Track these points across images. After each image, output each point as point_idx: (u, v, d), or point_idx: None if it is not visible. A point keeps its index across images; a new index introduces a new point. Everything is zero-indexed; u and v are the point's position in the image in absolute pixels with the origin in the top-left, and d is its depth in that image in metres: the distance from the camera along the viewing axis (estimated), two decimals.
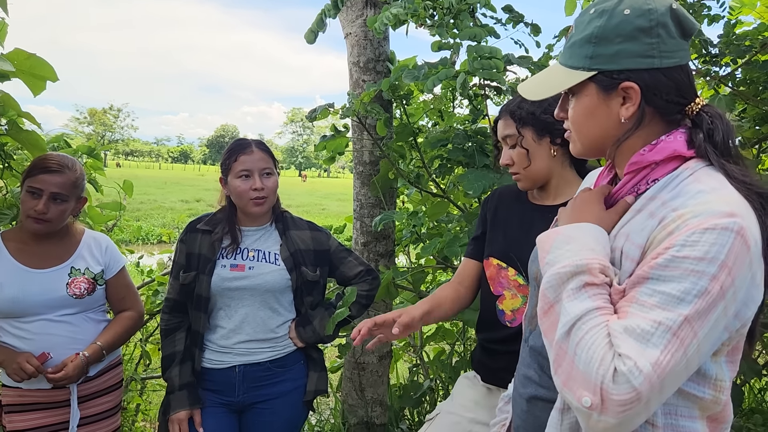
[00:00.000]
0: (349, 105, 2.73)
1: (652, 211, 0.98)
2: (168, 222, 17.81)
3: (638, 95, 1.01)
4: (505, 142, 1.75)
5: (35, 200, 1.94)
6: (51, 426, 2.01)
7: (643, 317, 0.88)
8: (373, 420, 3.27)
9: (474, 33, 2.30)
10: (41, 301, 1.97)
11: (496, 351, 1.81)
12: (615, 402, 0.85)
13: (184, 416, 1.97)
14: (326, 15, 2.63)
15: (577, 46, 1.05)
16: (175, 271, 2.07)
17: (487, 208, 1.89)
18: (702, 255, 0.87)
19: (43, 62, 2.21)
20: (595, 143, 1.09)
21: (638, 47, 1.00)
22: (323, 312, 2.11)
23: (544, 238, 1.06)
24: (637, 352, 0.86)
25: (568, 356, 0.91)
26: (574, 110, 1.09)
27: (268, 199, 2.02)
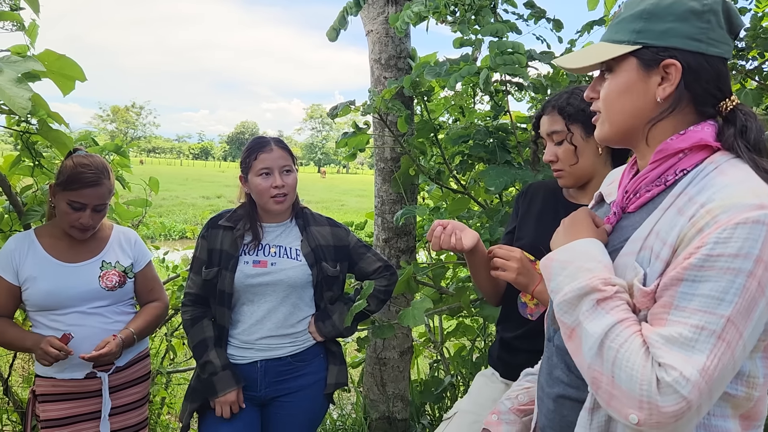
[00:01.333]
0: (371, 102, 2.74)
1: (680, 207, 0.96)
2: (189, 218, 17.99)
3: (679, 75, 1.00)
4: (550, 138, 1.72)
5: (78, 213, 2.00)
6: (83, 415, 2.06)
7: (683, 324, 0.87)
8: (394, 415, 3.29)
9: (496, 29, 2.30)
10: (75, 294, 2.03)
11: (516, 347, 1.81)
12: (666, 414, 0.83)
13: (234, 396, 1.99)
14: (348, 13, 2.64)
15: (626, 22, 1.05)
16: (196, 266, 2.10)
17: (521, 202, 1.89)
18: (736, 251, 0.85)
19: (72, 63, 2.25)
20: (625, 123, 1.06)
21: (688, 29, 0.99)
22: (342, 306, 2.14)
23: (544, 267, 1.07)
24: (682, 360, 0.84)
25: (605, 376, 0.90)
26: (609, 86, 1.07)
27: (288, 196, 2.05)
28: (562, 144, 1.69)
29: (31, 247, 2.05)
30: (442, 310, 3.18)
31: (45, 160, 2.60)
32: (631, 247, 1.01)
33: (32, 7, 1.73)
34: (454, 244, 1.60)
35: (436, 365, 3.86)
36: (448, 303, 3.11)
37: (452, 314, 3.51)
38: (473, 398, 1.91)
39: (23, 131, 2.48)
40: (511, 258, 1.59)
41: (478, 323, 3.79)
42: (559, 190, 1.80)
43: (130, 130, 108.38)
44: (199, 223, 14.70)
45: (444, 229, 1.61)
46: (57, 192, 2.02)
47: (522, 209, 1.86)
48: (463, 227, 1.63)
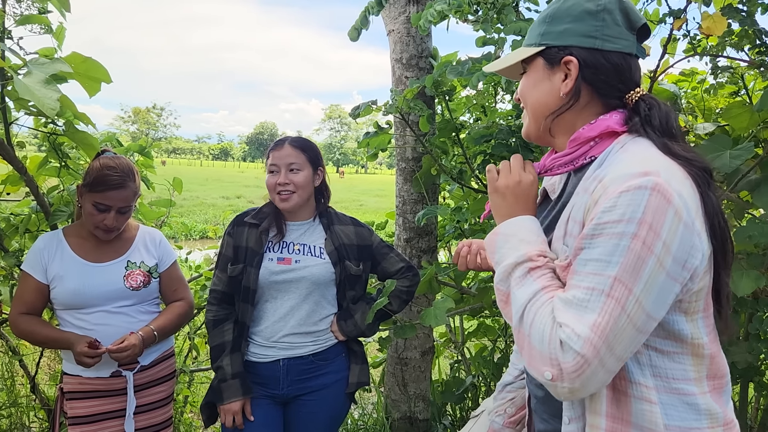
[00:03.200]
0: (392, 101, 2.74)
1: (586, 187, 1.04)
2: (210, 218, 18.15)
3: (577, 70, 1.09)
4: None
5: (103, 214, 2.03)
6: (109, 413, 2.08)
7: (578, 287, 0.96)
8: (416, 415, 3.29)
9: (519, 27, 2.29)
10: (100, 293, 2.05)
11: None
12: (567, 371, 0.92)
13: (237, 407, 2.01)
14: (370, 12, 2.65)
15: (535, 26, 1.17)
16: (222, 263, 2.11)
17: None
18: (619, 217, 0.93)
19: (97, 65, 2.28)
20: (536, 116, 1.17)
21: (583, 27, 1.09)
22: (365, 306, 2.14)
23: (488, 241, 1.15)
24: (574, 319, 0.93)
25: (525, 338, 0.99)
26: (522, 84, 1.19)
27: (295, 194, 2.05)
28: None
29: (59, 246, 2.08)
30: (463, 311, 3.17)
31: (71, 161, 2.64)
32: (558, 232, 1.09)
33: (62, 5, 1.74)
34: (480, 263, 1.62)
35: (457, 365, 3.85)
36: (470, 303, 3.10)
37: (473, 314, 3.49)
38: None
39: (50, 132, 2.51)
40: None
41: (499, 323, 3.76)
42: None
43: (151, 131, 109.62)
44: (219, 223, 14.83)
45: (469, 249, 1.63)
46: (83, 193, 2.04)
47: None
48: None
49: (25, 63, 2.08)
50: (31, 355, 3.48)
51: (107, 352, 1.97)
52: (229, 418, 2.01)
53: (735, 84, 2.84)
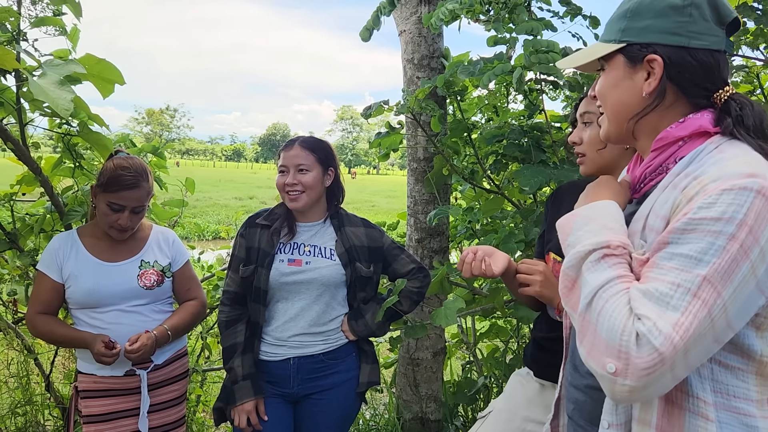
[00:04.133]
0: (404, 102, 2.74)
1: (676, 183, 0.99)
2: (222, 219, 18.25)
3: (661, 69, 1.02)
4: (581, 119, 1.69)
5: (117, 214, 2.05)
6: (123, 411, 2.10)
7: (661, 280, 0.89)
8: (427, 416, 3.28)
9: (530, 27, 2.28)
10: (115, 292, 2.07)
11: (548, 348, 1.80)
12: (638, 366, 0.85)
13: (251, 407, 2.01)
14: (381, 13, 2.65)
15: (614, 21, 1.10)
16: (234, 264, 2.12)
17: (550, 204, 1.87)
18: (718, 215, 0.87)
19: (111, 66, 2.30)
20: (617, 118, 1.10)
21: (667, 24, 1.02)
22: (375, 306, 2.14)
23: (564, 222, 1.09)
24: (656, 313, 0.86)
25: (591, 326, 0.92)
26: (601, 83, 1.13)
27: (304, 194, 2.05)
28: (590, 126, 1.66)
29: (74, 246, 2.10)
30: (475, 311, 3.16)
31: (85, 161, 2.66)
32: (636, 226, 1.04)
33: (74, 11, 1.77)
34: (484, 270, 1.61)
35: (469, 366, 3.84)
36: (482, 304, 3.09)
37: (485, 315, 3.48)
38: (508, 397, 1.91)
39: (64, 133, 2.54)
40: (534, 272, 1.62)
41: (511, 324, 3.75)
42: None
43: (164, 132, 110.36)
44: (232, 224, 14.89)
45: (474, 256, 1.62)
46: (98, 193, 2.06)
47: (551, 211, 1.84)
48: (493, 252, 1.64)
49: (40, 64, 2.11)
50: (45, 353, 3.51)
51: (123, 351, 1.99)
52: (243, 418, 2.01)
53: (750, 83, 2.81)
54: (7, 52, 2.01)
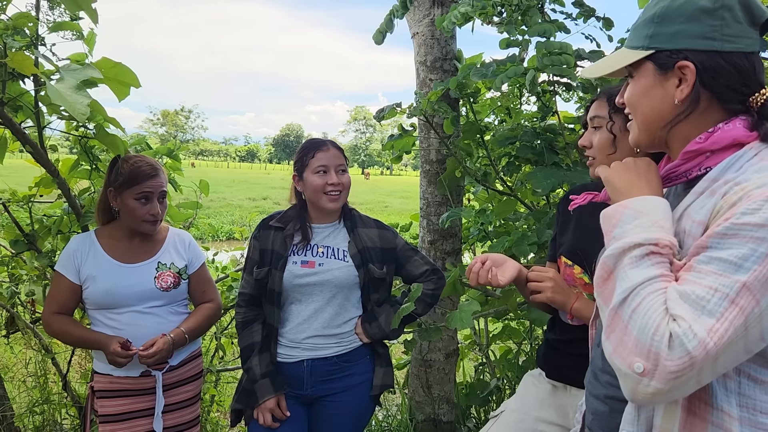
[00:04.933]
0: (417, 104, 2.75)
1: (714, 189, 0.96)
2: (236, 219, 18.35)
3: (693, 76, 0.99)
4: (591, 123, 1.69)
5: (148, 205, 2.09)
6: (138, 411, 2.12)
7: (698, 283, 0.86)
8: (440, 417, 3.28)
9: (543, 29, 2.28)
10: (132, 294, 2.09)
11: (561, 350, 1.80)
12: (667, 368, 0.82)
13: (272, 404, 2.03)
14: (394, 15, 2.66)
15: (640, 27, 1.06)
16: (249, 266, 2.14)
17: (560, 208, 1.87)
18: (763, 221, 0.84)
19: (127, 69, 2.33)
20: (649, 126, 1.07)
21: (699, 28, 0.99)
22: (389, 309, 2.14)
23: (611, 212, 1.03)
24: (692, 316, 0.84)
25: (622, 322, 0.89)
26: (630, 91, 1.09)
27: (342, 194, 2.09)
28: (600, 131, 1.66)
29: (92, 247, 2.12)
30: (488, 313, 3.16)
31: (101, 163, 2.69)
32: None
33: (91, 17, 1.80)
34: (490, 279, 1.62)
35: (481, 368, 3.83)
36: (494, 306, 3.09)
37: (498, 317, 3.48)
38: (520, 397, 1.91)
39: (81, 136, 2.57)
40: (544, 278, 1.62)
41: (524, 326, 3.74)
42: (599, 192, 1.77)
43: (179, 133, 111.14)
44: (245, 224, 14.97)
45: (482, 265, 1.63)
46: (120, 193, 2.09)
47: (563, 215, 1.84)
48: (503, 261, 1.65)
49: (58, 69, 2.14)
50: (63, 353, 3.56)
51: (137, 354, 2.02)
52: (267, 416, 2.02)
53: None
54: (26, 57, 2.04)
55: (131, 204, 2.08)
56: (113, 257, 2.12)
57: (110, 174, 2.14)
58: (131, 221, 2.12)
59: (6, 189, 3.12)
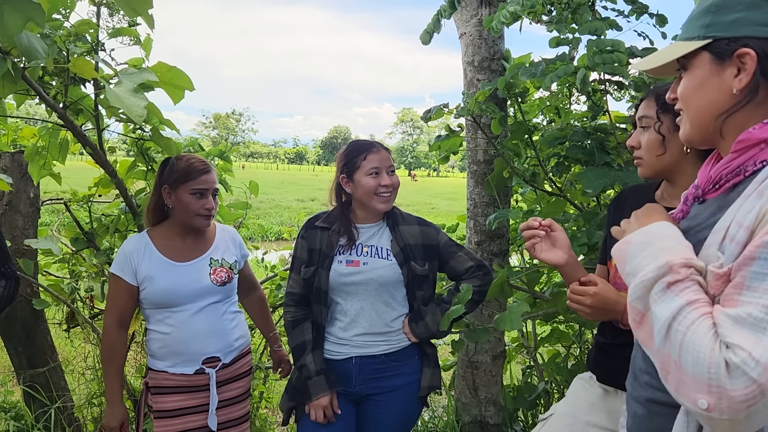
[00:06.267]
0: (464, 104, 2.74)
1: (762, 191, 0.91)
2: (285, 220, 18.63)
3: (754, 63, 0.95)
4: (640, 122, 1.66)
5: (203, 199, 2.15)
6: (192, 408, 2.17)
7: (754, 304, 0.81)
8: (486, 419, 3.26)
9: (594, 27, 2.23)
10: (190, 291, 2.14)
11: (612, 353, 1.76)
12: (735, 399, 0.78)
13: (326, 401, 2.05)
14: (442, 16, 2.65)
15: (696, 18, 1.03)
16: (296, 266, 2.17)
17: (612, 210, 1.83)
18: None
19: (181, 73, 2.40)
20: (704, 120, 1.04)
21: (760, 15, 0.96)
22: (435, 308, 2.14)
23: (618, 251, 1.03)
24: (751, 341, 0.79)
25: (672, 360, 0.86)
26: (684, 84, 1.06)
27: (392, 195, 2.11)
28: (648, 131, 1.62)
29: (147, 248, 2.15)
30: (536, 315, 3.12)
31: (156, 164, 2.78)
32: (715, 237, 0.96)
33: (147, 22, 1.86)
34: (533, 245, 1.56)
35: (529, 371, 3.78)
36: (543, 308, 3.05)
37: (546, 320, 3.42)
38: (570, 401, 1.88)
39: (138, 138, 2.67)
40: (585, 297, 1.53)
41: (573, 329, 3.67)
42: (651, 194, 1.72)
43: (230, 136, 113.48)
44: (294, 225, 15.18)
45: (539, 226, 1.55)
46: (175, 189, 2.13)
47: (614, 215, 1.80)
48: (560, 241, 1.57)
49: (116, 73, 2.22)
50: None
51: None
52: (319, 413, 2.05)
53: None
54: (87, 62, 2.13)
55: (186, 199, 2.13)
56: (168, 257, 2.16)
57: (162, 173, 2.19)
58: (186, 217, 2.15)
59: (67, 189, 3.27)
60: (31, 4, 1.51)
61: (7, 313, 3.04)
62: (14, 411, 3.18)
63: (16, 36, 1.57)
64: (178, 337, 2.12)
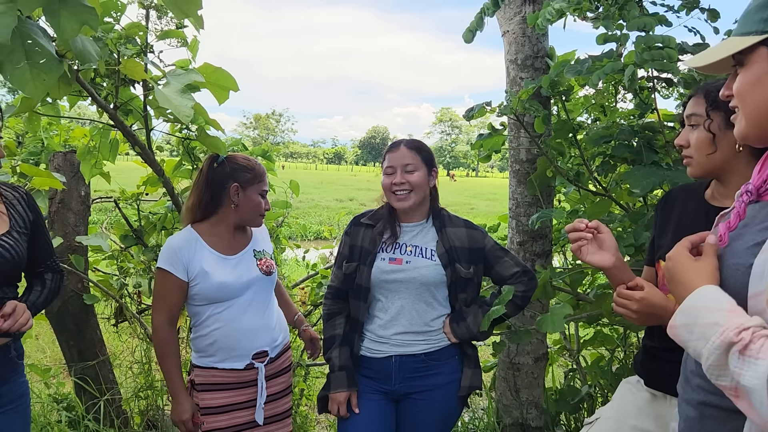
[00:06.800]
0: (507, 103, 2.71)
1: None
2: (324, 220, 18.77)
3: None
4: (688, 120, 1.62)
5: (264, 200, 2.24)
6: (240, 403, 2.18)
7: None
8: (528, 422, 3.22)
9: (643, 23, 2.18)
10: (242, 283, 2.16)
11: (660, 357, 1.72)
12: None
13: (343, 397, 2.08)
14: (485, 13, 2.63)
15: (753, 13, 1.00)
16: (338, 261, 2.21)
17: (660, 210, 1.79)
18: None
19: (226, 74, 2.45)
20: (760, 116, 1.00)
21: None
22: (477, 310, 2.12)
23: (673, 336, 1.01)
24: None
25: None
26: (741, 80, 1.03)
27: (412, 193, 2.09)
28: (697, 129, 1.57)
29: (197, 244, 2.15)
30: (579, 317, 3.07)
31: (202, 163, 2.83)
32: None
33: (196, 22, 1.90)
34: (579, 247, 1.53)
35: (571, 374, 3.73)
36: (586, 310, 3.00)
37: (590, 322, 3.37)
38: (616, 405, 1.84)
39: (184, 137, 2.72)
40: (630, 301, 1.50)
41: (618, 333, 3.60)
42: (701, 193, 1.67)
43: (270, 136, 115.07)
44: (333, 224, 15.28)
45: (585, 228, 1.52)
46: (245, 188, 2.18)
47: (662, 216, 1.75)
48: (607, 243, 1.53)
49: (164, 74, 2.28)
50: None
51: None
52: (334, 407, 2.10)
53: None
54: (137, 64, 2.19)
55: (256, 199, 2.19)
56: (218, 251, 2.17)
57: (211, 170, 2.19)
58: (250, 215, 2.21)
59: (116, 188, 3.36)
60: (86, 8, 1.56)
61: (59, 308, 3.15)
62: (66, 402, 3.28)
63: (71, 39, 1.62)
64: (229, 333, 2.14)
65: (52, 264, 2.00)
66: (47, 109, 2.61)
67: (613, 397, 1.90)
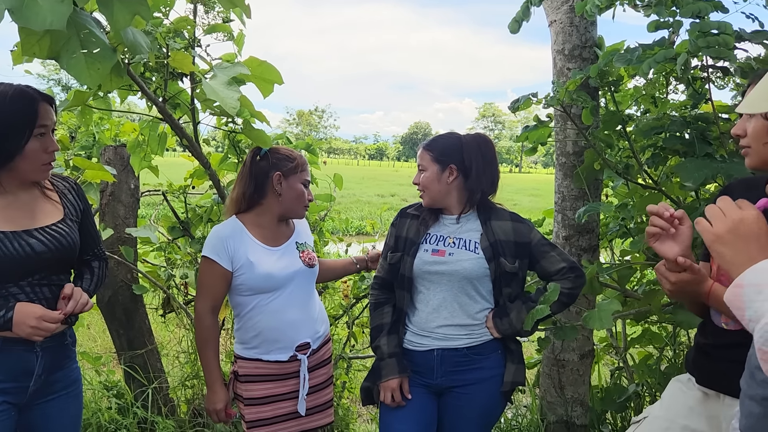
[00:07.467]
0: (554, 94, 2.66)
1: None
2: (365, 215, 18.83)
3: None
4: None
5: (307, 190, 2.26)
6: (282, 395, 2.20)
7: None
8: (573, 420, 3.16)
9: (698, 8, 2.10)
10: (286, 275, 2.17)
11: (712, 355, 1.66)
12: None
13: (395, 384, 2.07)
14: (532, 3, 2.59)
15: None
16: (384, 251, 2.24)
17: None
18: None
19: (271, 67, 2.47)
20: None
21: None
22: (521, 305, 2.09)
23: (731, 297, 0.98)
24: None
25: None
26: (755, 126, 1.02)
27: (424, 192, 2.15)
28: (755, 117, 1.50)
29: (243, 235, 2.16)
30: (627, 314, 2.99)
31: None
32: None
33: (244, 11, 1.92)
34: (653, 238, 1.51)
35: (618, 372, 3.64)
36: (634, 307, 2.92)
37: (637, 319, 3.28)
38: (666, 403, 1.78)
39: (230, 131, 2.76)
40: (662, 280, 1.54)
41: (667, 331, 3.50)
42: (761, 187, 1.59)
43: (312, 132, 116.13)
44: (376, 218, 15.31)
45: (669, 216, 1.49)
46: (288, 177, 2.18)
47: None
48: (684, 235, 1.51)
49: (212, 67, 2.31)
50: None
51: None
52: (387, 394, 2.08)
53: None
54: (185, 56, 2.23)
55: (299, 188, 2.20)
56: (263, 243, 2.18)
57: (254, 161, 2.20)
58: (294, 205, 2.22)
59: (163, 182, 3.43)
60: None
61: (109, 297, 3.25)
62: (116, 389, 3.37)
63: (122, 31, 1.66)
64: (273, 325, 2.15)
65: (98, 252, 2.05)
66: (99, 104, 2.68)
67: (663, 396, 1.84)
